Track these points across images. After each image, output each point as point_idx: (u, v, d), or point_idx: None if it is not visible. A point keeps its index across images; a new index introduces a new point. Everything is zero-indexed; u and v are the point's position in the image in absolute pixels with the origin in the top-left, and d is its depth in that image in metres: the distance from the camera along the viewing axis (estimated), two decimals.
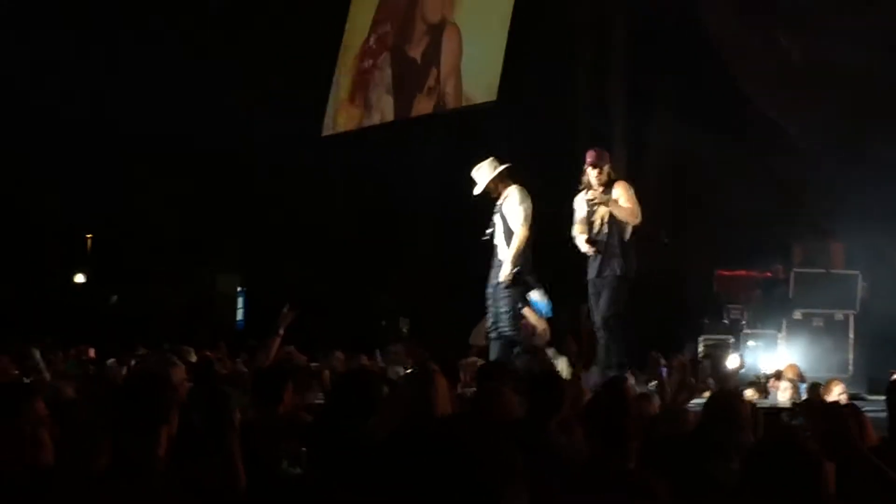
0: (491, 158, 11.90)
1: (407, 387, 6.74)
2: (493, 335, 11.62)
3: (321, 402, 8.60)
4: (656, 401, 8.45)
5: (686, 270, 19.31)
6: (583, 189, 11.72)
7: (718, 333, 16.51)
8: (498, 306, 11.62)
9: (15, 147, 23.42)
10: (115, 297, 27.89)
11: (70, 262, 29.56)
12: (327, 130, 21.72)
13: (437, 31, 19.85)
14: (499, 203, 11.77)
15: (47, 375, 9.82)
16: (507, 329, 11.51)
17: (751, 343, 15.65)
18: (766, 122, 18.16)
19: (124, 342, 13.51)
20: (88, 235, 29.72)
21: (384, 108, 20.60)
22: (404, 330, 20.28)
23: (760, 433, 6.40)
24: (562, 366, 11.28)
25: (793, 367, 13.41)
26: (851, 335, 15.46)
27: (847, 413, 6.22)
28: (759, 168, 18.47)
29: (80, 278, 30.34)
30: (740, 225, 18.64)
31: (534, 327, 10.60)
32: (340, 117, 21.36)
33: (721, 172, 18.19)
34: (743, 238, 18.57)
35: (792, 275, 16.33)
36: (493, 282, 11.73)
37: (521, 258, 11.58)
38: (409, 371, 8.64)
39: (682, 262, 19.26)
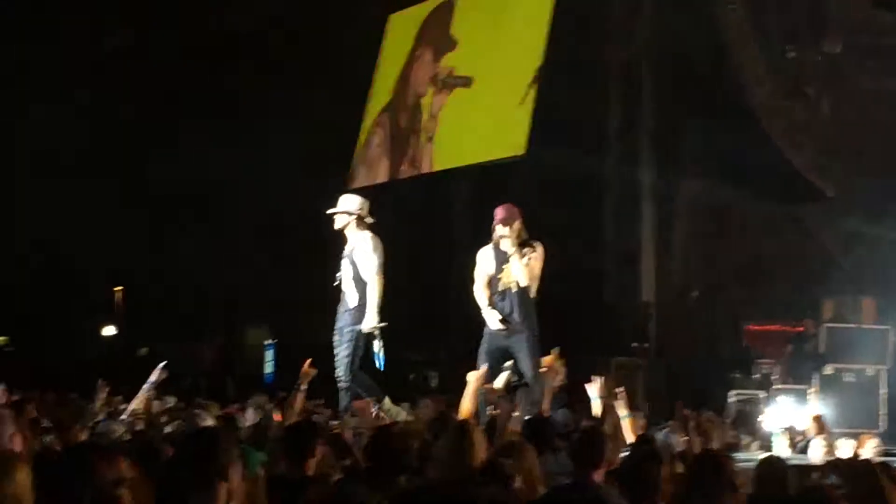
0: (360, 198, 11.91)
1: (444, 442, 6.72)
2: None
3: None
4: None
5: (716, 325, 19.25)
6: (490, 244, 11.56)
7: (749, 388, 16.43)
8: (339, 352, 11.53)
9: (45, 197, 23.62)
10: (144, 350, 27.90)
11: (99, 314, 29.63)
12: (352, 183, 21.78)
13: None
14: (348, 248, 11.67)
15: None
16: (341, 376, 11.43)
17: (781, 398, 15.53)
18: (797, 176, 18.14)
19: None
20: (118, 288, 29.80)
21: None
22: (432, 384, 20.23)
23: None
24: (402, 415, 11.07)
25: (817, 418, 13.24)
26: (883, 390, 15.37)
27: (880, 470, 6.16)
28: (790, 222, 18.45)
29: (109, 330, 30.40)
30: (771, 280, 18.62)
31: (555, 372, 10.48)
32: (361, 171, 21.37)
33: (751, 227, 18.16)
34: (773, 293, 18.54)
35: (823, 329, 16.26)
36: (338, 326, 11.63)
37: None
38: (436, 423, 8.58)
39: (712, 317, 19.25)
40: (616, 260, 20.45)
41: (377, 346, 11.42)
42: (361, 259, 11.52)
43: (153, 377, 9.69)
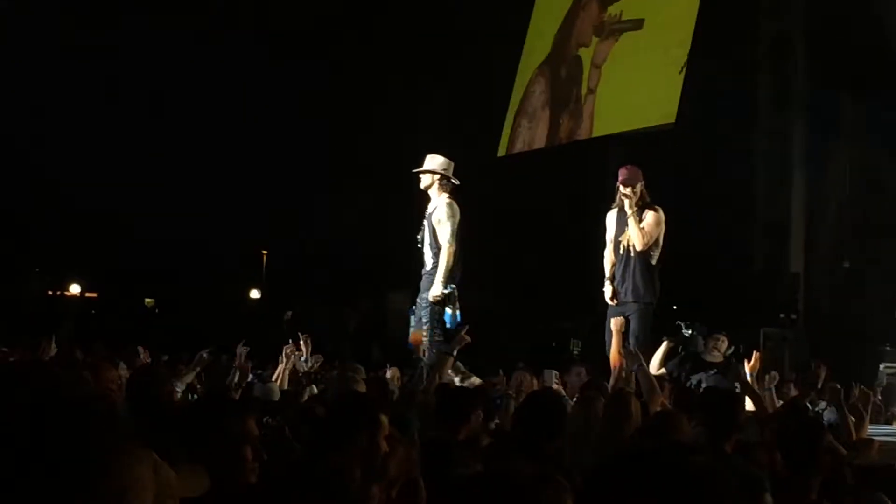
0: (445, 159, 11.73)
1: (607, 408, 6.68)
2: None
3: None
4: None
5: (866, 296, 18.90)
6: (615, 207, 11.40)
7: None
8: (420, 315, 11.47)
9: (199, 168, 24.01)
10: (289, 313, 28.26)
11: (247, 278, 30.13)
12: (503, 151, 21.75)
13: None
14: (430, 209, 11.57)
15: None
16: (427, 342, 11.33)
17: None
18: None
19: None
20: (264, 252, 30.26)
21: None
22: (575, 352, 20.19)
23: None
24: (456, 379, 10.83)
25: None
26: None
27: None
28: None
29: (255, 294, 30.92)
30: None
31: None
32: (522, 124, 21.34)
33: None
34: None
35: None
36: (422, 294, 11.54)
37: (449, 275, 11.36)
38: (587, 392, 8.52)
39: (863, 288, 18.89)
40: (766, 230, 20.20)
41: (448, 310, 11.38)
42: (438, 223, 11.48)
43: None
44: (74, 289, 29.51)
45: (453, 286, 11.39)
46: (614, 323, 10.60)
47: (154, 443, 2.62)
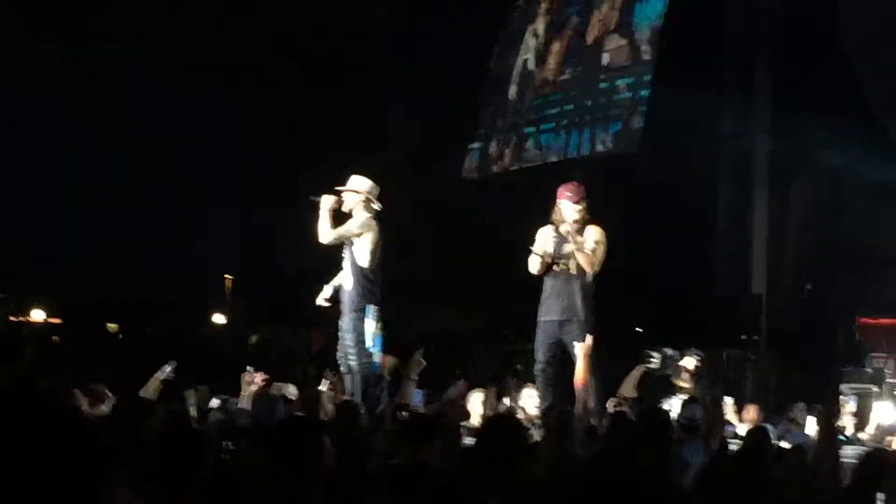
0: (371, 182, 11.88)
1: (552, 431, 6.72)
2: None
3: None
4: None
5: (829, 318, 19.03)
6: (552, 224, 11.37)
7: (862, 382, 16.18)
8: (344, 336, 11.66)
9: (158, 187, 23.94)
10: (254, 338, 28.19)
11: (209, 302, 30.04)
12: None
13: None
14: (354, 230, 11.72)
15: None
16: (352, 359, 11.51)
17: None
18: None
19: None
20: (228, 276, 30.18)
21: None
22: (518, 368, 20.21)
23: None
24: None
25: None
26: None
27: None
28: None
29: (219, 318, 30.81)
30: (885, 272, 18.33)
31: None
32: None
33: (866, 219, 17.89)
34: (888, 286, 18.26)
35: None
36: (344, 315, 11.75)
37: (370, 295, 11.59)
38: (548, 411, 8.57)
39: (826, 309, 19.02)
40: (728, 251, 20.30)
41: (372, 327, 11.47)
42: (360, 246, 11.67)
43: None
44: (38, 315, 29.32)
45: (374, 307, 11.51)
46: (578, 348, 10.55)
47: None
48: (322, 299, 12.00)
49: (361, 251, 11.64)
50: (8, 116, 21.92)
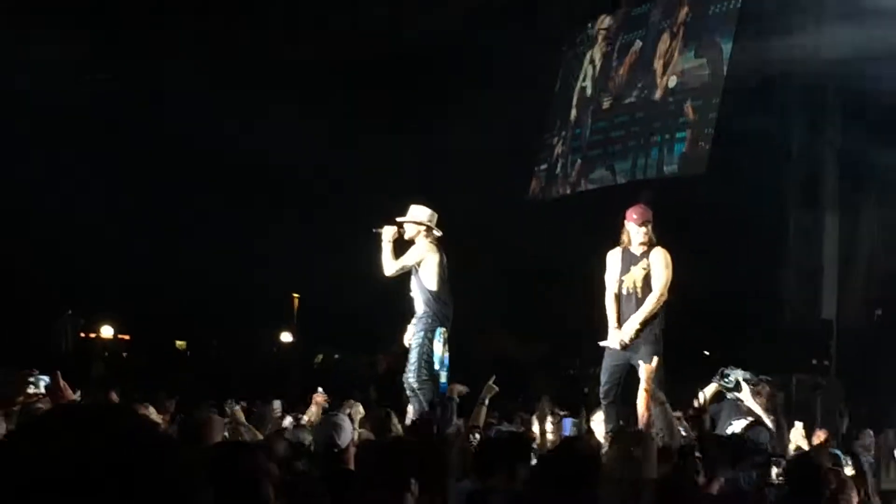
0: (430, 210, 11.97)
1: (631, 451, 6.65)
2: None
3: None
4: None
5: None
6: (621, 246, 11.30)
7: None
8: (410, 358, 11.67)
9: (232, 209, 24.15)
10: (320, 357, 28.33)
11: (278, 320, 30.22)
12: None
13: None
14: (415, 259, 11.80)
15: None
16: (412, 381, 11.55)
17: None
18: None
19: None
20: (295, 295, 30.35)
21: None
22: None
23: None
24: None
25: None
26: None
27: None
28: None
29: (286, 337, 30.99)
30: None
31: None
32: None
33: None
34: None
35: None
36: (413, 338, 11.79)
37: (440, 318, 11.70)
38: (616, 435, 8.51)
39: (895, 335, 18.82)
40: (799, 276, 20.13)
41: (437, 352, 11.55)
42: (426, 271, 11.73)
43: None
44: (107, 331, 29.62)
45: (443, 329, 11.59)
46: (643, 370, 10.43)
47: None
48: (408, 337, 12.05)
49: (428, 275, 11.73)
50: (75, 140, 22.23)
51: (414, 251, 11.87)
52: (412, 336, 11.85)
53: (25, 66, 20.87)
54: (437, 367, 11.58)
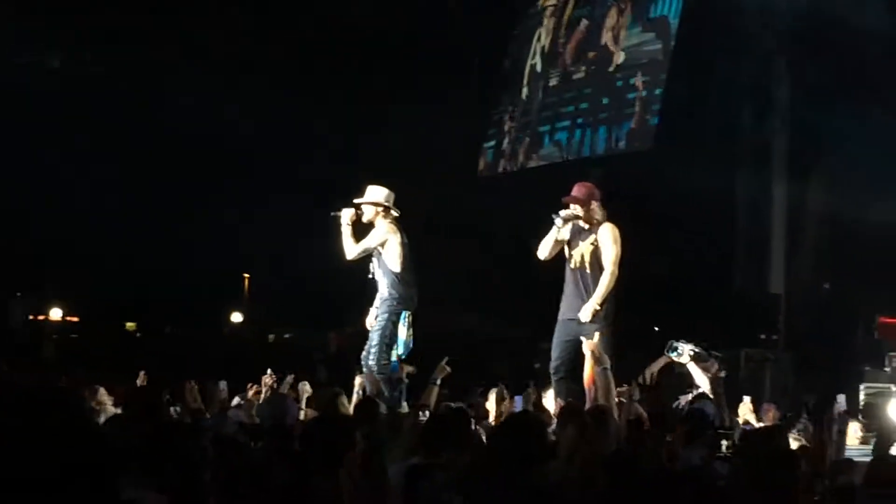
0: (387, 190, 11.92)
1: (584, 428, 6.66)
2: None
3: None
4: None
5: (848, 317, 18.95)
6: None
7: (880, 382, 16.10)
8: (371, 340, 11.67)
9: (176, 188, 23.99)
10: (271, 337, 28.32)
11: (229, 301, 30.13)
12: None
13: None
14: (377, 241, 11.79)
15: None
16: (372, 363, 11.52)
17: None
18: None
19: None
20: (245, 275, 30.26)
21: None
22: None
23: None
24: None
25: None
26: None
27: None
28: None
29: (237, 317, 30.91)
30: None
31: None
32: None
33: (887, 216, 17.78)
34: None
35: None
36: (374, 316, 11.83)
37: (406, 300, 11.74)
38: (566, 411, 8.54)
39: (843, 310, 18.93)
40: (746, 250, 20.22)
41: (403, 333, 11.52)
42: (389, 253, 11.70)
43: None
44: (55, 313, 29.42)
45: (408, 313, 11.56)
46: (586, 346, 10.39)
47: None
48: (371, 320, 11.98)
49: (391, 256, 11.70)
50: (23, 113, 22.01)
51: (375, 233, 11.82)
52: (374, 318, 11.82)
53: None
54: (400, 350, 11.58)
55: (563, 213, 11.00)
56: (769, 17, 19.32)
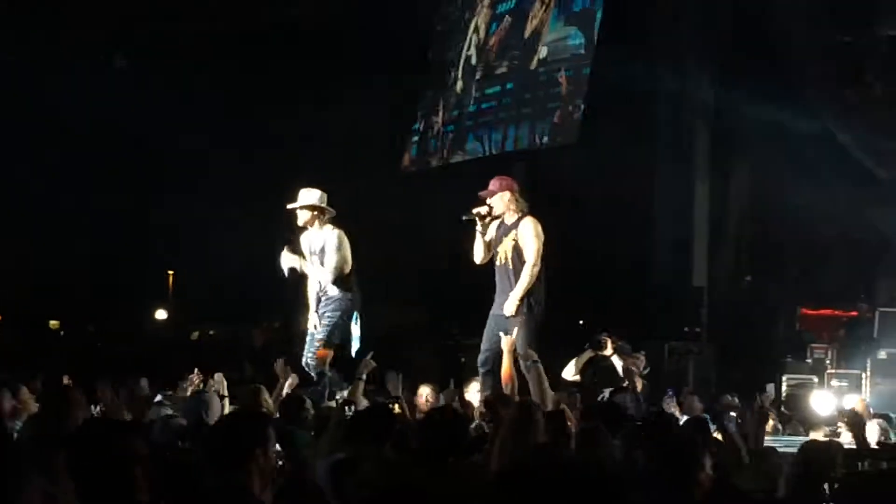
0: (319, 192, 11.75)
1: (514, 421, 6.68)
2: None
3: None
4: None
5: (769, 309, 19.15)
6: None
7: (802, 373, 16.30)
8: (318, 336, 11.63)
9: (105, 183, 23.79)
10: (195, 334, 28.11)
11: (153, 298, 29.87)
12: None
13: None
14: (314, 245, 11.67)
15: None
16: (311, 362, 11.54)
17: (835, 383, 15.41)
18: (851, 159, 17.97)
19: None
20: (170, 272, 30.02)
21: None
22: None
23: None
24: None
25: (862, 402, 12.98)
26: None
27: None
28: (845, 205, 18.24)
29: (161, 314, 30.65)
30: (825, 264, 18.48)
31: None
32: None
33: (805, 210, 17.98)
34: (828, 277, 18.41)
35: (877, 314, 16.15)
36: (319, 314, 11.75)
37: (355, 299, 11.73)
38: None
39: (765, 301, 19.13)
40: (670, 244, 20.32)
41: (356, 331, 11.53)
42: (342, 253, 11.58)
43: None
44: None
45: (358, 313, 11.55)
46: (504, 342, 10.40)
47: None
48: (312, 325, 11.85)
49: (343, 257, 11.56)
50: None
51: (330, 242, 11.60)
52: (319, 318, 11.69)
53: None
54: (355, 347, 11.54)
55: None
56: (690, 10, 19.51)
